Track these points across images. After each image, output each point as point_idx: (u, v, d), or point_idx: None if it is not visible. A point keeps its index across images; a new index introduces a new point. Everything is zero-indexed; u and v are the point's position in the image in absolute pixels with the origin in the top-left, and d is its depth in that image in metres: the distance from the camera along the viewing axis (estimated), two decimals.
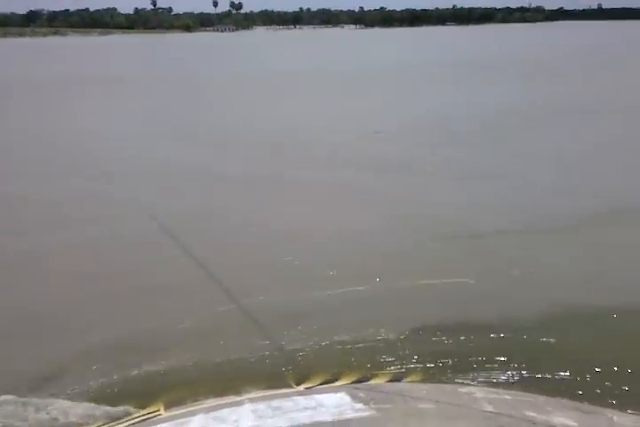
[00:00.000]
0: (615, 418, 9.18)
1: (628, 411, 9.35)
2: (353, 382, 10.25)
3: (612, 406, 9.45)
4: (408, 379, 10.42)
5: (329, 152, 27.02)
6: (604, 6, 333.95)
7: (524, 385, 10.08)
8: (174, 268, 14.78)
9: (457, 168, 23.67)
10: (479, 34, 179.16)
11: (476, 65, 71.64)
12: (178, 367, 10.70)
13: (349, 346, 11.28)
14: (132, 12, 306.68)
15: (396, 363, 10.77)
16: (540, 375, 10.27)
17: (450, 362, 10.72)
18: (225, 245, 16.30)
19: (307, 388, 10.10)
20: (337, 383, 10.21)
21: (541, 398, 9.75)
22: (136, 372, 10.56)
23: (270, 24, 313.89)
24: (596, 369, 10.34)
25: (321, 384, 10.21)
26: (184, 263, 14.94)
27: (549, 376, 10.23)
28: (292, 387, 10.14)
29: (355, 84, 55.80)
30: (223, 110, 41.17)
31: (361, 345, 11.29)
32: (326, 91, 51.01)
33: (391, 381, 10.38)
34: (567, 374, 10.27)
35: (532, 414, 8.97)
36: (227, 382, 10.28)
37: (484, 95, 44.92)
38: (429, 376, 10.44)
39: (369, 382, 10.32)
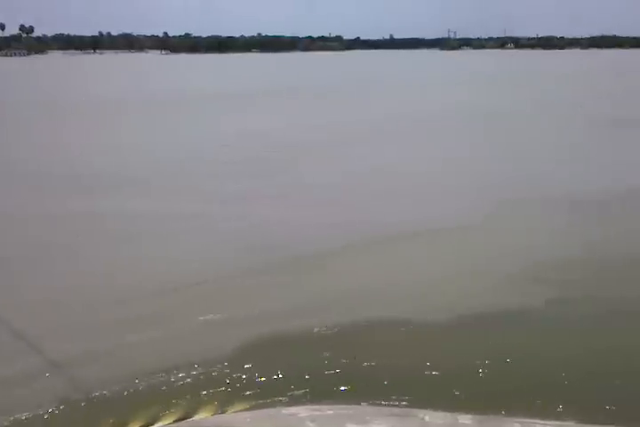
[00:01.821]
0: (427, 418, 9.84)
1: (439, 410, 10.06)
2: (175, 421, 9.83)
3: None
4: (233, 409, 10.25)
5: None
6: (395, 37, 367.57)
7: (347, 398, 10.46)
8: None
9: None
10: (276, 62, 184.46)
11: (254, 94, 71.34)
12: None
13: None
14: None
15: None
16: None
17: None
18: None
19: None
20: (157, 425, 9.71)
21: (361, 408, 10.16)
22: None
23: (67, 49, 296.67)
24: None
25: None
26: None
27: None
28: None
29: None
30: None
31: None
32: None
33: (216, 414, 10.14)
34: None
35: (352, 425, 9.31)
36: None
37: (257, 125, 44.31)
38: (255, 404, 10.36)
39: (192, 418, 9.98)
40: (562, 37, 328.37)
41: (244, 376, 11.08)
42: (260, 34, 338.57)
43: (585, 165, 29.63)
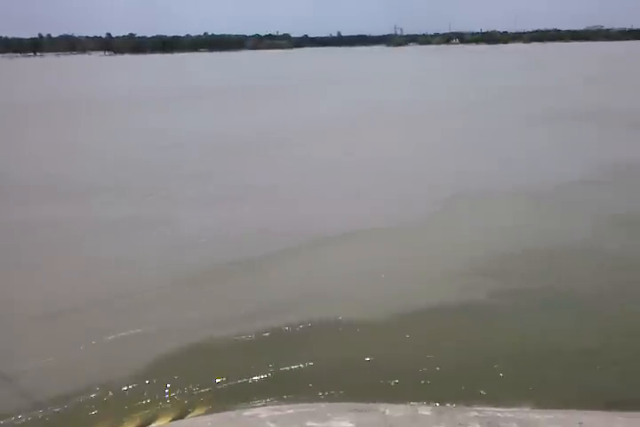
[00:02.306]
0: (387, 411, 9.90)
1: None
2: None
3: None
4: (192, 414, 10.11)
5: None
6: (343, 34, 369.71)
7: (307, 396, 10.44)
8: None
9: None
10: (223, 61, 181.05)
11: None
12: None
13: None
14: None
15: None
16: None
17: None
18: None
19: None
20: None
21: (322, 406, 10.15)
22: None
23: (6, 52, 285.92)
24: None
25: None
26: None
27: None
28: None
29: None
30: None
31: None
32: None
33: (175, 419, 9.99)
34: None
35: (313, 424, 9.29)
36: None
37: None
38: (214, 407, 10.24)
39: (151, 425, 9.81)
40: (505, 32, 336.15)
41: (202, 382, 10.94)
42: (206, 33, 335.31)
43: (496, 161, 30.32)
